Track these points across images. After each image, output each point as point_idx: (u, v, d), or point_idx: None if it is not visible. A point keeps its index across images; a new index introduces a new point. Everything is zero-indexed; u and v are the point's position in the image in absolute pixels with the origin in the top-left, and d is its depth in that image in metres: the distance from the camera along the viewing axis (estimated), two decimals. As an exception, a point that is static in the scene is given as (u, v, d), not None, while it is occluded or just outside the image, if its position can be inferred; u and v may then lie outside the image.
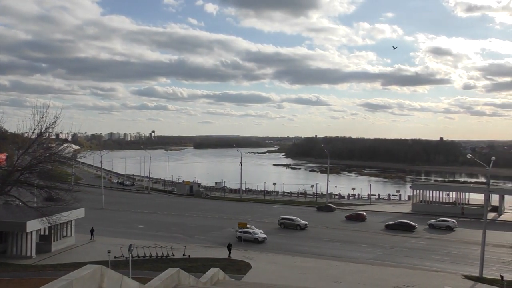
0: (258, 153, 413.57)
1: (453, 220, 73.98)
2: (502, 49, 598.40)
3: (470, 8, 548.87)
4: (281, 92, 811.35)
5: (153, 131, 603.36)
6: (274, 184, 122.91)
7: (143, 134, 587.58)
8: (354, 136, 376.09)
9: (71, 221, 54.44)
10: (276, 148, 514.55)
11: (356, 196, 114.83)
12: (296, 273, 44.58)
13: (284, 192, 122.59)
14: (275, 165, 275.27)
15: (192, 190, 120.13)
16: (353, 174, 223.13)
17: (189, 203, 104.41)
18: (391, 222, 74.56)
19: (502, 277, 36.46)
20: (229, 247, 50.96)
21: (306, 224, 71.91)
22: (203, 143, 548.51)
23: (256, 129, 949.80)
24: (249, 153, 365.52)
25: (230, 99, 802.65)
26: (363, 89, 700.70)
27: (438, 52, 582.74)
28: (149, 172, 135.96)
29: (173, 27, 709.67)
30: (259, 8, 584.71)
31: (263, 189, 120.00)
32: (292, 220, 72.90)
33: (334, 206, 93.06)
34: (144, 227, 71.66)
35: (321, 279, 42.45)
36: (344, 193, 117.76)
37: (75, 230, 56.76)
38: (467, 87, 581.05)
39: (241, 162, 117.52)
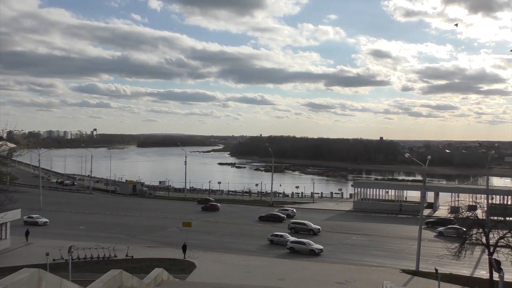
0: (203, 152, 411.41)
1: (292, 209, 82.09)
2: (438, 53, 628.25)
3: (408, 13, 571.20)
4: (226, 91, 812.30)
5: (95, 129, 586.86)
6: (219, 183, 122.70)
7: (84, 132, 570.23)
8: (298, 136, 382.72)
9: (6, 223, 51.96)
10: (221, 147, 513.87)
11: (300, 195, 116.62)
12: (240, 271, 44.72)
13: (229, 191, 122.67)
14: (220, 164, 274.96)
15: (135, 190, 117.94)
16: (297, 173, 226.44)
17: (132, 202, 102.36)
18: (263, 215, 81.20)
19: (436, 270, 38.15)
20: (184, 248, 49.92)
21: (319, 229, 67.87)
22: (147, 142, 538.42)
23: (201, 128, 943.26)
24: (194, 152, 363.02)
25: (174, 97, 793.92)
26: (307, 89, 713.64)
27: (378, 54, 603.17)
28: (91, 171, 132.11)
29: (115, 22, 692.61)
30: (204, 6, 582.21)
31: (208, 188, 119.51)
32: (304, 224, 68.84)
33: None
34: (85, 228, 69.62)
35: (265, 277, 42.81)
36: (288, 191, 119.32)
37: (10, 233, 54.26)
38: (405, 89, 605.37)
39: (185, 161, 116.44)
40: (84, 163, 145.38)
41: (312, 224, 69.09)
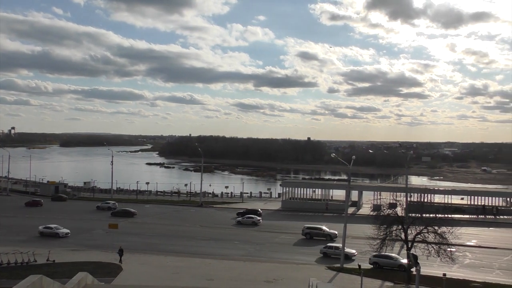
0: (131, 152, 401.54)
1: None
2: (361, 57, 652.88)
3: (334, 17, 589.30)
4: (154, 89, 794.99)
5: (13, 128, 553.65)
6: (147, 183, 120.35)
7: (1, 131, 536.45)
8: (227, 136, 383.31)
9: None
10: (149, 146, 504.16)
11: (230, 195, 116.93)
12: (168, 273, 44.13)
13: (157, 191, 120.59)
14: (148, 164, 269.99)
15: (57, 191, 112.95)
16: (226, 172, 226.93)
17: (54, 204, 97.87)
18: (115, 210, 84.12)
19: (359, 266, 39.81)
20: (120, 253, 47.78)
21: (336, 234, 63.61)
22: (70, 141, 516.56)
23: (128, 127, 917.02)
24: (121, 152, 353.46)
25: (100, 95, 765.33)
26: (236, 89, 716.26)
27: (306, 56, 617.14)
28: (8, 172, 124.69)
29: (35, 15, 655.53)
30: (130, 2, 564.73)
31: (136, 189, 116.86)
32: (319, 229, 65.02)
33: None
34: (1, 232, 65.63)
35: (194, 277, 42.54)
36: (218, 191, 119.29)
37: None
38: (331, 90, 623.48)
39: (112, 161, 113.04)
40: (1, 163, 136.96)
41: (328, 229, 64.67)
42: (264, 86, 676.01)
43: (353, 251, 52.77)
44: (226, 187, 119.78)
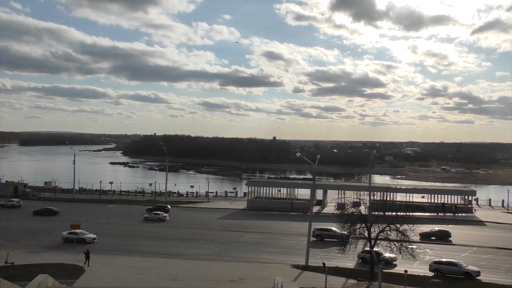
0: (94, 151, 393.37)
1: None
2: (326, 57, 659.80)
3: (299, 17, 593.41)
4: (118, 88, 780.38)
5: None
6: (111, 183, 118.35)
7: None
8: (193, 135, 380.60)
9: None
10: (113, 146, 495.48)
11: (195, 194, 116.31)
12: (133, 274, 43.60)
13: (121, 191, 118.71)
14: (112, 163, 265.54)
15: (17, 191, 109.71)
16: (192, 172, 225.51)
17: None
18: (38, 209, 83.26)
19: (324, 264, 40.31)
20: (86, 255, 46.51)
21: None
22: (31, 140, 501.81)
23: (91, 126, 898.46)
24: (84, 151, 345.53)
25: (62, 93, 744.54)
26: (202, 88, 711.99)
27: (271, 56, 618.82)
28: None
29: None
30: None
31: (99, 189, 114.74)
32: (331, 231, 61.82)
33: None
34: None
35: (159, 278, 42.18)
36: (183, 191, 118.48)
37: None
38: (296, 90, 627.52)
39: (74, 160, 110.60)
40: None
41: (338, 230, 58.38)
42: (230, 85, 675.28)
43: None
44: (192, 186, 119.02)
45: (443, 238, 65.02)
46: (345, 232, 51.47)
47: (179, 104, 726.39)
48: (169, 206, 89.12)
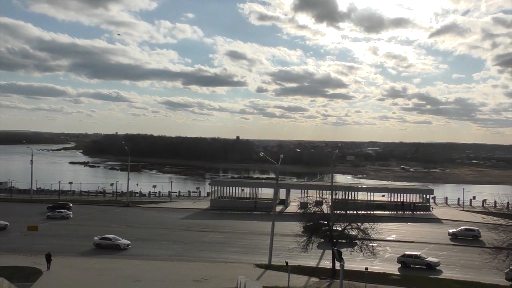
0: (52, 150, 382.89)
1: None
2: (289, 57, 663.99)
3: (262, 17, 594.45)
4: (78, 86, 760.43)
5: None
6: (70, 183, 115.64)
7: None
8: (155, 134, 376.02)
9: None
10: (73, 145, 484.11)
11: (157, 194, 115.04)
12: (93, 275, 42.76)
13: (81, 191, 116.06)
14: (72, 163, 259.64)
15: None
16: (154, 171, 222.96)
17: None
18: None
19: (287, 263, 40.63)
20: (48, 258, 44.84)
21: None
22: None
23: (50, 125, 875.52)
24: (42, 150, 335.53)
25: (18, 90, 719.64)
26: (165, 87, 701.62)
27: (234, 55, 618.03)
28: None
29: None
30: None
31: (58, 189, 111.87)
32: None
33: None
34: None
35: (120, 279, 41.53)
36: (145, 191, 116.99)
37: None
38: (260, 90, 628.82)
39: (31, 160, 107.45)
40: None
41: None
42: (193, 84, 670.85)
43: (436, 260, 49.30)
44: (154, 186, 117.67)
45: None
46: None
47: (141, 103, 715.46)
48: (70, 204, 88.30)
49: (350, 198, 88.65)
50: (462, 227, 67.66)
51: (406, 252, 51.53)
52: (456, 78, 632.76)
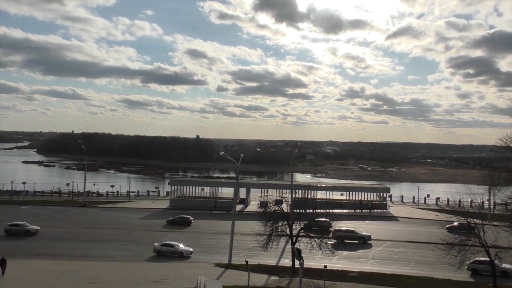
0: (4, 149, 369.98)
1: None
2: (250, 56, 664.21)
3: (222, 16, 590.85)
4: (31, 82, 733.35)
5: None
6: (24, 183, 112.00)
7: None
8: (113, 133, 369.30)
9: None
10: (26, 143, 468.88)
11: (116, 194, 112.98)
12: (47, 278, 41.55)
13: (35, 191, 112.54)
14: (25, 162, 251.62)
15: None
16: (112, 171, 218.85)
17: None
18: None
19: (247, 262, 40.63)
20: (1, 263, 42.63)
21: (369, 236, 61.32)
22: None
23: (1, 123, 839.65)
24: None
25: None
26: (123, 85, 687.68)
27: (195, 54, 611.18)
28: None
29: None
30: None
31: (10, 189, 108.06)
32: (352, 232, 61.38)
33: None
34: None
35: (76, 281, 40.53)
36: (103, 190, 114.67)
37: None
38: (220, 89, 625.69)
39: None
40: None
41: (359, 231, 61.84)
42: (152, 82, 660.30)
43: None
44: (112, 186, 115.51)
45: None
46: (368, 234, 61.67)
47: (98, 101, 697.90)
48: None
49: (309, 197, 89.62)
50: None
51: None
52: (411, 80, 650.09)
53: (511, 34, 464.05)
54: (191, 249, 54.85)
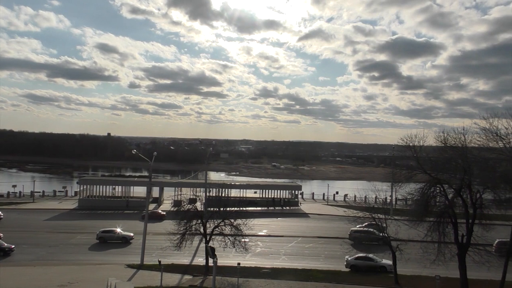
0: None
1: None
2: (163, 53, 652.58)
3: (135, 11, 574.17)
4: None
5: None
6: None
7: None
8: (16, 129, 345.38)
9: None
10: None
11: (18, 194, 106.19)
12: None
13: None
14: None
15: None
16: (14, 170, 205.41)
17: None
18: None
19: (159, 262, 40.03)
20: None
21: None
22: None
23: None
24: None
25: None
26: (26, 79, 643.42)
27: (105, 48, 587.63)
28: None
29: None
30: None
31: None
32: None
33: None
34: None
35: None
36: (4, 191, 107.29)
37: None
38: (132, 85, 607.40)
39: None
40: None
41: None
42: (59, 77, 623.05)
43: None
44: (14, 186, 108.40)
45: None
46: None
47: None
48: None
49: (223, 195, 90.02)
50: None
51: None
52: (322, 81, 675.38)
53: (411, 41, 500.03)
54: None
